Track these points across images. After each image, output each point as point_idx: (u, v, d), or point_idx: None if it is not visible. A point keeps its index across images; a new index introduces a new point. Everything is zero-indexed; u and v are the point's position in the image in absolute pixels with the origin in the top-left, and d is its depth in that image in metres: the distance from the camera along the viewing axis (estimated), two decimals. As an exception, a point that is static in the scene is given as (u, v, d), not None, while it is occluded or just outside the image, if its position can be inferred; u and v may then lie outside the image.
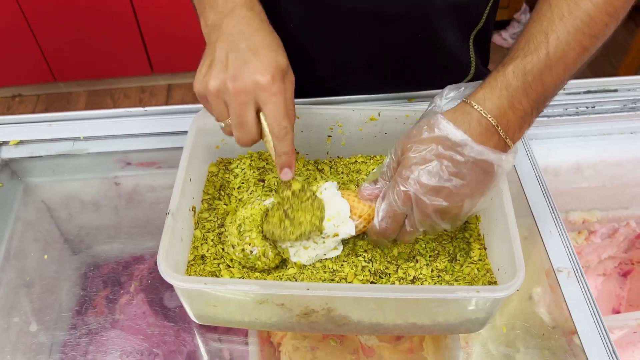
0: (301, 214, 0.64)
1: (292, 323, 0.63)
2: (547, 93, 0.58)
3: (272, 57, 0.59)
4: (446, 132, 0.56)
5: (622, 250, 1.17)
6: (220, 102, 0.60)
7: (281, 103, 0.59)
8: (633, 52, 1.96)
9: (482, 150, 0.55)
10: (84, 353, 0.72)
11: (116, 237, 0.86)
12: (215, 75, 0.59)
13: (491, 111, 0.56)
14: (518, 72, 0.56)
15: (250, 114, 0.59)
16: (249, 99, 0.58)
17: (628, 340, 0.96)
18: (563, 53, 0.57)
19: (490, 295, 0.56)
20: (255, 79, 0.57)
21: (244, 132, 0.60)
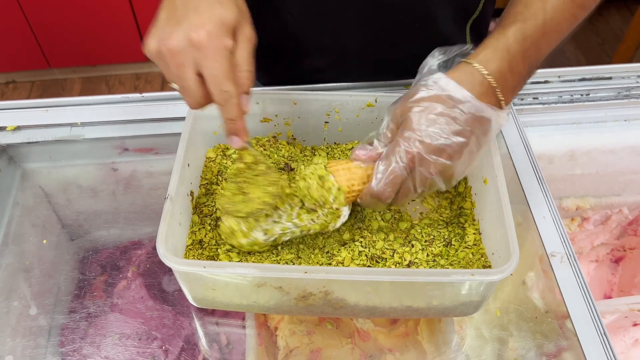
0: (252, 189, 0.62)
1: (290, 306, 0.64)
2: (540, 58, 0.60)
3: (214, 10, 0.53)
4: (449, 91, 0.57)
5: (614, 237, 1.18)
6: (163, 64, 0.55)
7: (221, 63, 0.52)
8: (627, 40, 1.97)
9: (482, 107, 0.57)
10: (83, 336, 0.73)
11: (114, 223, 0.87)
12: (154, 35, 0.54)
13: (493, 73, 0.57)
14: (518, 37, 0.58)
15: (189, 76, 0.53)
16: (185, 59, 0.52)
17: (619, 325, 0.97)
18: (558, 22, 0.59)
19: (484, 279, 0.57)
20: (188, 36, 0.51)
21: (188, 95, 0.55)
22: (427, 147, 0.57)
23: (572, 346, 0.70)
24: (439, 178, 0.60)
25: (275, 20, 0.84)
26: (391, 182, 0.59)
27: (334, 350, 0.75)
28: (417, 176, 0.59)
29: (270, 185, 0.62)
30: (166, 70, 0.55)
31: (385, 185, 0.60)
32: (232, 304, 0.66)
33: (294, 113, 0.75)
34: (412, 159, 0.58)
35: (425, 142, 0.57)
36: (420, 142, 0.57)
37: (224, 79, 0.53)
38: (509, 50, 0.58)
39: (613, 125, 0.93)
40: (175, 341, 0.74)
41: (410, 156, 0.58)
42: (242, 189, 0.62)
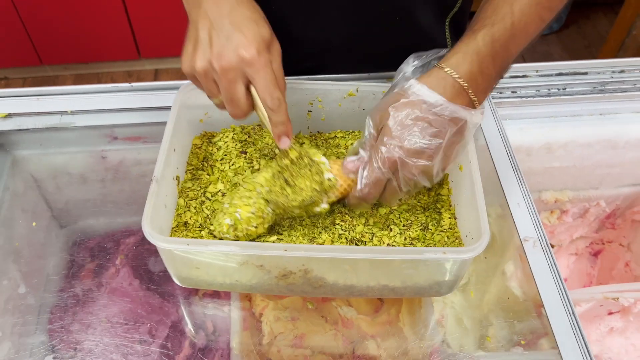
0: (301, 180, 0.66)
1: (271, 285, 0.67)
2: (509, 59, 0.63)
3: (255, 30, 0.60)
4: (422, 95, 0.60)
5: (593, 230, 1.21)
6: (210, 81, 0.61)
7: (270, 75, 0.60)
8: (610, 41, 2.02)
9: (455, 109, 0.60)
10: (71, 321, 0.74)
11: (102, 210, 0.88)
12: (201, 55, 0.60)
13: (463, 76, 0.60)
14: (487, 40, 0.61)
15: (240, 90, 0.61)
16: (237, 75, 0.59)
17: (595, 314, 1.00)
18: (525, 24, 0.62)
19: (456, 257, 0.60)
20: (240, 54, 0.58)
21: (236, 107, 0.62)
22: (407, 151, 0.60)
23: (546, 333, 0.73)
24: (422, 177, 0.63)
25: (262, 10, 0.87)
26: (374, 185, 0.63)
27: (318, 335, 0.77)
28: (401, 178, 0.63)
29: (316, 175, 0.67)
30: (212, 86, 0.62)
31: (369, 188, 0.64)
32: (216, 283, 0.68)
33: (278, 102, 0.78)
34: (394, 163, 0.61)
35: (405, 147, 0.60)
36: (400, 147, 0.60)
37: (274, 87, 0.61)
38: (478, 54, 0.61)
39: (589, 119, 0.96)
40: (161, 329, 0.76)
41: (391, 161, 0.61)
42: (289, 182, 0.66)
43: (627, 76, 0.95)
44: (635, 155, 1.01)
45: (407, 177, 0.62)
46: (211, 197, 0.72)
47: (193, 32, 0.62)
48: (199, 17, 0.61)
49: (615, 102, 0.95)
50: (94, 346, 0.72)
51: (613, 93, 0.94)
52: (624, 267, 1.20)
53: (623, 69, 0.95)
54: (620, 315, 1.00)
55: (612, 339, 1.02)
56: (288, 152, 0.67)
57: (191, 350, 0.74)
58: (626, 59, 0.97)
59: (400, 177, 0.62)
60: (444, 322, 0.83)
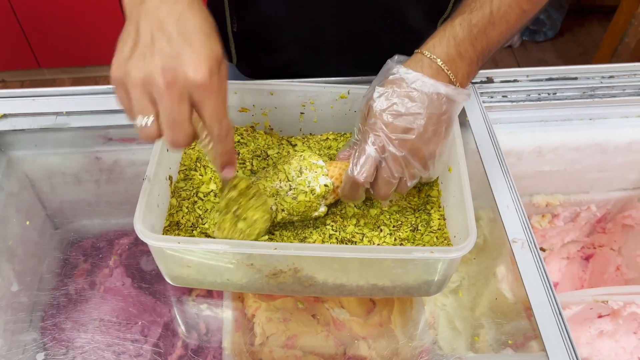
0: (252, 212, 0.64)
1: (262, 284, 0.67)
2: (490, 46, 0.66)
3: (208, 47, 0.51)
4: (400, 74, 0.63)
5: (584, 234, 1.22)
6: (145, 96, 0.50)
7: (220, 100, 0.52)
8: (604, 47, 2.04)
9: (434, 84, 0.62)
10: (64, 313, 0.75)
11: (97, 211, 0.89)
12: (140, 63, 0.50)
13: (440, 56, 0.63)
14: (464, 25, 0.64)
15: (185, 112, 0.51)
16: (184, 95, 0.50)
17: (585, 317, 1.01)
18: (505, 13, 0.65)
19: (443, 256, 0.60)
20: (190, 75, 0.49)
21: (179, 131, 0.51)
22: (390, 127, 0.62)
23: (535, 334, 0.73)
24: (413, 159, 0.64)
25: (256, 12, 0.88)
26: (365, 163, 0.64)
27: (310, 337, 0.78)
28: (390, 157, 0.63)
29: (264, 204, 0.65)
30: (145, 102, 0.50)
31: (360, 168, 0.64)
32: (207, 282, 0.69)
33: (270, 103, 0.79)
34: (380, 141, 0.62)
35: (388, 123, 0.62)
36: (384, 123, 0.62)
37: (224, 114, 0.53)
38: (455, 37, 0.63)
39: (579, 124, 0.97)
40: (153, 330, 0.77)
41: (378, 139, 0.62)
42: (240, 216, 0.63)
43: (616, 81, 0.96)
44: (624, 159, 1.02)
45: (395, 156, 0.63)
46: (203, 198, 0.73)
47: (132, 33, 0.51)
48: (141, 15, 0.51)
49: (605, 107, 0.96)
50: (85, 344, 0.72)
51: (602, 98, 0.95)
52: (615, 271, 1.20)
53: (612, 75, 0.97)
54: (610, 318, 1.01)
55: (602, 342, 1.03)
56: (236, 183, 0.62)
57: (183, 351, 0.75)
58: (615, 65, 0.98)
59: (389, 157, 0.63)
60: (436, 325, 0.84)
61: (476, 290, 0.88)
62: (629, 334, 1.02)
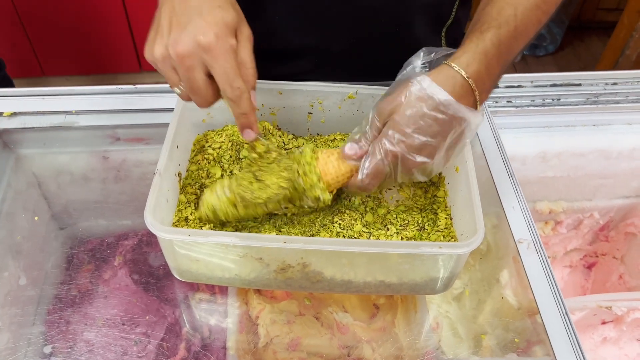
0: (267, 176, 0.65)
1: (270, 279, 0.67)
2: (510, 60, 0.65)
3: (216, 14, 0.55)
4: (431, 93, 0.60)
5: (587, 242, 1.23)
6: (169, 69, 0.57)
7: (229, 62, 0.56)
8: (604, 61, 2.06)
9: (460, 109, 0.60)
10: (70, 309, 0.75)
11: (103, 211, 0.89)
12: (159, 41, 0.56)
13: (472, 75, 0.61)
14: (495, 41, 0.62)
15: (199, 78, 0.57)
16: (195, 61, 0.55)
17: (588, 323, 1.01)
18: (526, 27, 0.64)
19: (452, 252, 0.61)
20: (197, 39, 0.54)
21: (198, 96, 0.59)
22: (409, 146, 0.61)
23: (542, 337, 0.73)
24: (419, 173, 0.64)
25: (263, 21, 0.89)
26: (375, 177, 0.64)
27: (313, 339, 0.78)
28: (399, 172, 0.63)
29: (284, 171, 0.66)
30: (171, 74, 0.58)
31: (369, 179, 0.64)
32: (215, 277, 0.69)
33: (279, 103, 0.80)
34: (396, 156, 0.62)
35: (407, 142, 0.61)
36: (403, 142, 0.61)
37: (235, 76, 0.56)
38: (486, 54, 0.62)
39: (582, 130, 0.98)
40: (158, 327, 0.77)
41: (393, 154, 0.62)
42: (257, 176, 0.65)
43: (619, 88, 0.97)
44: (627, 166, 1.03)
45: (405, 172, 0.63)
46: None
47: (157, 19, 0.58)
48: (163, 3, 0.58)
49: (608, 114, 0.97)
50: (91, 339, 0.72)
51: (606, 104, 0.96)
52: (618, 279, 1.21)
53: (616, 82, 0.98)
54: (613, 325, 1.01)
55: (606, 349, 1.03)
56: (255, 145, 0.65)
57: (187, 352, 0.75)
58: (618, 72, 0.99)
59: (398, 171, 0.63)
60: (439, 330, 0.84)
61: (479, 297, 0.88)
62: (633, 341, 1.02)
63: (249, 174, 0.65)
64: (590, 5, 2.66)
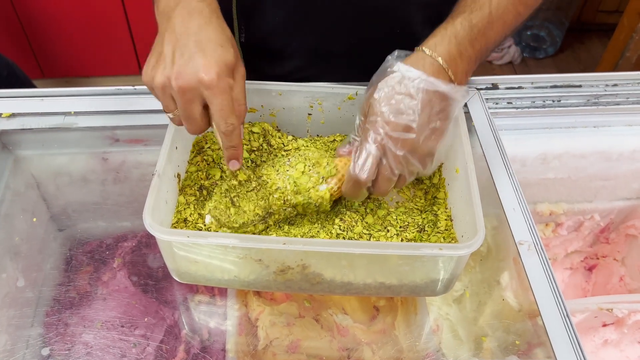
0: (245, 203, 0.68)
1: (269, 281, 0.67)
2: (488, 45, 0.67)
3: (219, 53, 0.59)
4: (401, 72, 0.63)
5: (587, 245, 1.22)
6: (167, 97, 0.61)
7: (226, 100, 0.60)
8: (604, 63, 2.06)
9: (434, 82, 0.62)
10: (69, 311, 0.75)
11: (102, 212, 0.89)
12: (161, 70, 0.59)
13: (442, 55, 0.63)
14: (465, 24, 0.65)
15: (196, 110, 0.61)
16: (194, 95, 0.59)
17: (589, 325, 1.00)
18: (502, 13, 0.66)
19: (452, 253, 0.60)
20: (199, 77, 0.58)
21: (192, 124, 0.63)
22: (391, 125, 0.62)
23: (543, 339, 0.73)
24: (412, 157, 0.64)
25: (263, 22, 0.89)
26: (366, 161, 0.64)
27: (313, 341, 0.78)
28: (390, 155, 0.63)
29: (261, 200, 0.69)
30: (169, 102, 0.62)
31: (362, 166, 0.64)
32: (214, 278, 0.69)
33: (279, 104, 0.80)
34: (382, 139, 0.63)
35: (389, 121, 0.62)
36: (385, 122, 0.62)
37: (230, 113, 0.60)
38: (456, 36, 0.64)
39: (583, 131, 0.97)
40: (157, 329, 0.76)
41: (379, 137, 0.63)
42: (234, 202, 0.68)
43: (620, 89, 0.97)
44: (628, 168, 1.03)
45: (395, 154, 0.63)
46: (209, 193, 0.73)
47: (158, 46, 0.61)
48: (167, 31, 0.61)
49: (609, 115, 0.97)
50: (90, 341, 0.72)
51: (607, 106, 0.96)
52: (619, 281, 1.20)
53: (616, 83, 0.97)
54: (614, 327, 1.00)
55: (607, 351, 1.02)
56: (237, 173, 0.69)
57: (186, 354, 0.74)
58: (619, 73, 0.99)
59: (390, 156, 0.63)
60: (439, 332, 0.83)
61: (480, 299, 0.87)
62: (634, 344, 1.02)
63: (226, 199, 0.69)
64: (590, 8, 2.66)
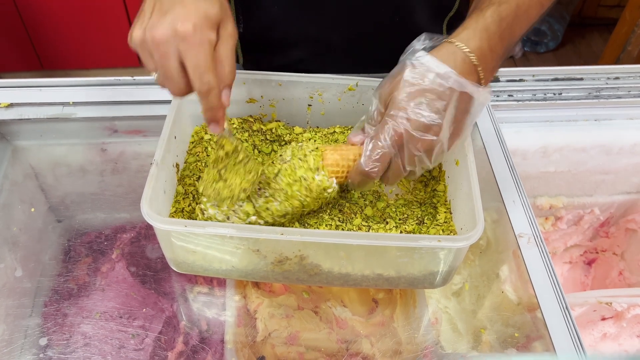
0: (232, 176, 0.63)
1: (267, 272, 0.67)
2: (513, 40, 0.63)
3: (199, 5, 0.55)
4: (432, 67, 0.58)
5: (587, 238, 1.22)
6: (146, 54, 0.57)
7: (203, 55, 0.54)
8: (606, 56, 2.05)
9: (463, 82, 0.58)
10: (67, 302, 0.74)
11: (101, 202, 0.89)
12: (139, 25, 0.56)
13: (474, 51, 0.59)
14: (495, 18, 0.61)
15: (172, 65, 0.55)
16: (169, 49, 0.54)
17: (588, 319, 1.00)
18: (528, 7, 0.63)
19: (451, 245, 0.60)
20: (174, 27, 0.53)
21: (171, 84, 0.57)
22: (414, 124, 0.59)
23: (542, 331, 0.72)
24: (425, 155, 0.61)
25: (263, 12, 0.88)
26: (379, 159, 0.61)
27: (312, 333, 0.77)
28: (406, 153, 0.61)
29: (248, 173, 0.64)
30: (148, 59, 0.57)
31: (373, 162, 0.62)
32: (212, 269, 0.68)
33: (278, 95, 0.79)
34: (400, 136, 0.59)
35: (412, 119, 0.59)
36: (407, 119, 0.59)
37: (206, 70, 0.55)
38: (487, 30, 0.60)
39: (584, 124, 0.97)
40: (156, 321, 0.76)
41: (398, 134, 0.59)
42: (222, 175, 0.64)
43: (621, 83, 0.97)
44: (628, 162, 1.02)
45: (411, 154, 0.61)
46: None
47: (142, 6, 0.58)
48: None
49: (610, 108, 0.96)
50: (89, 330, 0.72)
51: (608, 99, 0.96)
52: (618, 275, 1.20)
53: (618, 76, 0.97)
54: (613, 321, 1.00)
55: (605, 345, 1.02)
56: (223, 143, 0.63)
57: (185, 346, 0.74)
58: (620, 66, 0.98)
59: (405, 154, 0.61)
60: (438, 326, 0.83)
61: (479, 292, 0.87)
62: (633, 337, 1.02)
63: (213, 171, 0.64)
64: (591, 2, 2.65)
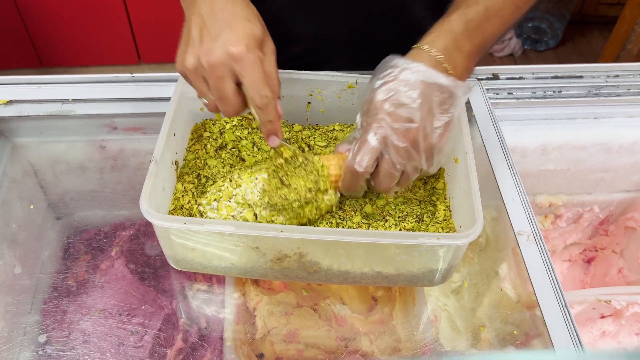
0: (295, 180, 0.66)
1: (266, 269, 0.67)
2: (486, 41, 0.66)
3: (246, 27, 0.59)
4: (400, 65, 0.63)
5: (586, 237, 1.22)
6: (199, 79, 0.60)
7: (258, 72, 0.59)
8: (606, 54, 2.05)
9: (433, 74, 0.62)
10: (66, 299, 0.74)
11: (100, 200, 0.89)
12: (190, 52, 0.59)
13: (440, 50, 0.63)
14: (461, 20, 0.64)
15: (229, 87, 0.59)
16: (225, 71, 0.58)
17: (587, 317, 1.00)
18: (499, 9, 0.66)
19: (450, 243, 0.60)
20: (228, 50, 0.57)
21: (227, 104, 0.61)
22: (393, 116, 0.62)
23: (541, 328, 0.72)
24: (415, 151, 0.63)
25: (262, 7, 0.88)
26: (365, 153, 0.63)
27: (311, 331, 0.78)
28: (392, 148, 0.62)
29: (310, 174, 0.67)
30: (201, 84, 0.61)
31: (359, 157, 0.63)
32: (211, 266, 0.68)
33: (277, 92, 0.79)
34: (384, 132, 0.62)
35: (390, 112, 0.62)
36: (386, 113, 0.62)
37: (262, 85, 0.59)
38: (452, 32, 0.64)
39: (583, 122, 0.97)
40: (155, 318, 0.76)
41: (380, 130, 0.62)
42: (284, 182, 0.66)
43: (621, 81, 0.97)
44: (628, 160, 1.02)
45: (399, 148, 0.62)
46: (208, 181, 0.73)
47: (186, 31, 0.61)
48: (193, 15, 0.61)
49: (610, 106, 0.96)
50: (89, 327, 0.72)
51: (608, 97, 0.95)
52: (617, 273, 1.20)
53: (617, 74, 0.97)
54: (612, 319, 1.00)
55: (604, 343, 1.02)
56: (282, 151, 0.67)
57: (184, 343, 0.74)
58: (620, 64, 0.98)
59: (392, 151, 0.62)
60: (437, 323, 0.83)
61: (478, 290, 0.87)
62: (632, 335, 1.02)
63: (274, 180, 0.66)
64: (591, 0, 2.65)
